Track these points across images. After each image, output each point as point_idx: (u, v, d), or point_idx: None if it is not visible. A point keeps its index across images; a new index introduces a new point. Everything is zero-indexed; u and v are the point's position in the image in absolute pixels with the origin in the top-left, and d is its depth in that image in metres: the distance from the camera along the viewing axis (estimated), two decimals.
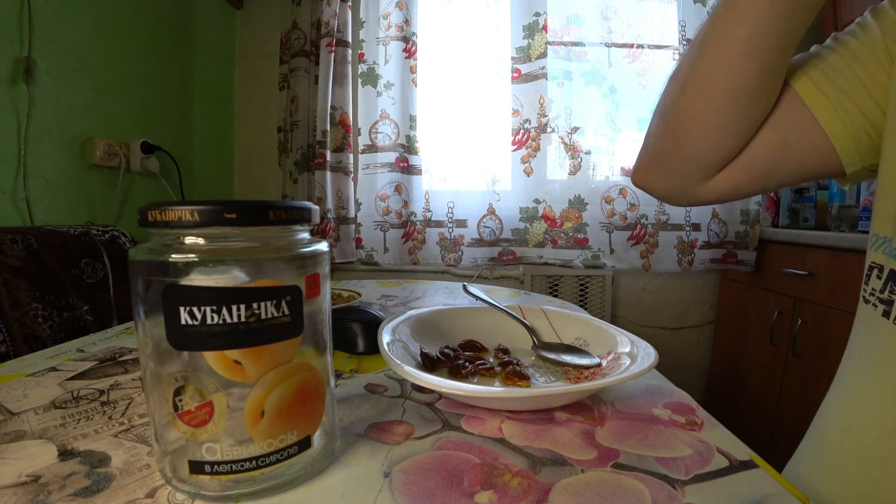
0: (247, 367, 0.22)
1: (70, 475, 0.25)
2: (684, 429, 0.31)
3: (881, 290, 0.35)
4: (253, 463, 0.22)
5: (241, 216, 0.21)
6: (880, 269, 0.36)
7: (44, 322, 0.86)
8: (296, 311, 0.23)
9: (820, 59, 0.39)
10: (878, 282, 0.35)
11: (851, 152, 0.38)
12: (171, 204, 0.21)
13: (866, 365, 0.37)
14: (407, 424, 0.31)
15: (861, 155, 0.38)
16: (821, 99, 0.37)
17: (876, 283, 0.36)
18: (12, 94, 0.98)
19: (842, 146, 0.38)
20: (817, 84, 0.38)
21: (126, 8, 1.27)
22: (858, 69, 0.36)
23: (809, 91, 0.38)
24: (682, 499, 0.23)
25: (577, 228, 1.55)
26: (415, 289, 0.83)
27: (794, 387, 1.26)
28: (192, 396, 0.22)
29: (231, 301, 0.21)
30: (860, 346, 0.39)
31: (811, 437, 0.43)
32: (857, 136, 0.37)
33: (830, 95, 0.37)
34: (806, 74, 0.39)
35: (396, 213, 1.57)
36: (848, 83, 0.37)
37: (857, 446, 0.36)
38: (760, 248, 1.47)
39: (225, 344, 0.21)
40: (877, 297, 0.35)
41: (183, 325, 0.20)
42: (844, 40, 0.38)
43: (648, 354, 0.35)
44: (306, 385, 0.24)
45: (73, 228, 1.03)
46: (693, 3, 1.52)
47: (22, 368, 0.41)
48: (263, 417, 0.22)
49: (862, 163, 0.38)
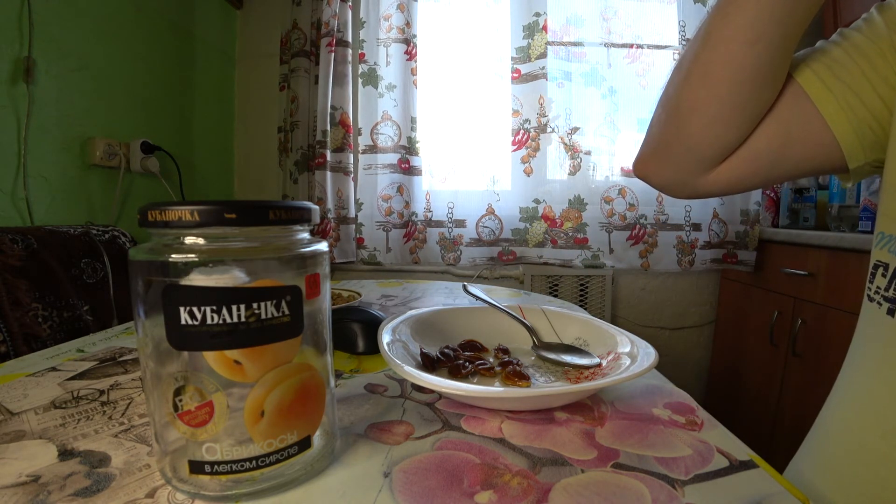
0: (247, 367, 0.22)
1: (70, 475, 0.25)
2: (684, 429, 0.31)
3: (886, 289, 0.35)
4: (253, 463, 0.22)
5: (241, 216, 0.21)
6: (885, 268, 0.35)
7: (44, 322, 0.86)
8: (296, 311, 0.23)
9: (824, 53, 0.39)
10: (883, 280, 0.35)
11: (854, 147, 0.38)
12: (171, 204, 0.21)
13: (871, 363, 0.37)
14: (407, 424, 0.31)
15: (864, 150, 0.38)
16: (825, 93, 0.37)
17: (881, 282, 0.36)
18: (12, 94, 0.98)
19: (845, 141, 0.37)
20: (822, 78, 0.38)
21: (126, 8, 1.27)
22: (863, 64, 0.36)
23: (813, 85, 0.38)
24: (682, 499, 0.23)
25: (577, 228, 1.56)
26: (415, 289, 0.83)
27: (794, 387, 1.26)
28: (192, 396, 0.22)
29: (231, 301, 0.21)
30: (864, 345, 0.39)
31: (813, 436, 0.43)
32: (860, 130, 0.37)
33: (835, 90, 0.37)
34: (810, 68, 0.38)
35: (398, 214, 1.58)
36: (852, 77, 0.36)
37: (861, 445, 0.36)
38: (761, 248, 1.47)
39: (225, 344, 0.21)
40: (881, 295, 0.35)
41: (183, 325, 0.20)
42: (849, 35, 0.38)
43: (648, 354, 0.35)
44: (306, 385, 0.24)
45: (73, 228, 1.03)
46: (693, 3, 1.52)
47: (22, 368, 0.41)
48: (263, 417, 0.22)
49: (865, 158, 0.38)
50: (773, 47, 0.35)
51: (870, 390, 0.36)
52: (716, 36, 0.37)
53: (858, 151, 0.38)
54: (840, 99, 0.37)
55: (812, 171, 0.41)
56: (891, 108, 0.36)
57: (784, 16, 0.34)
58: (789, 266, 1.29)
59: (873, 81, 0.36)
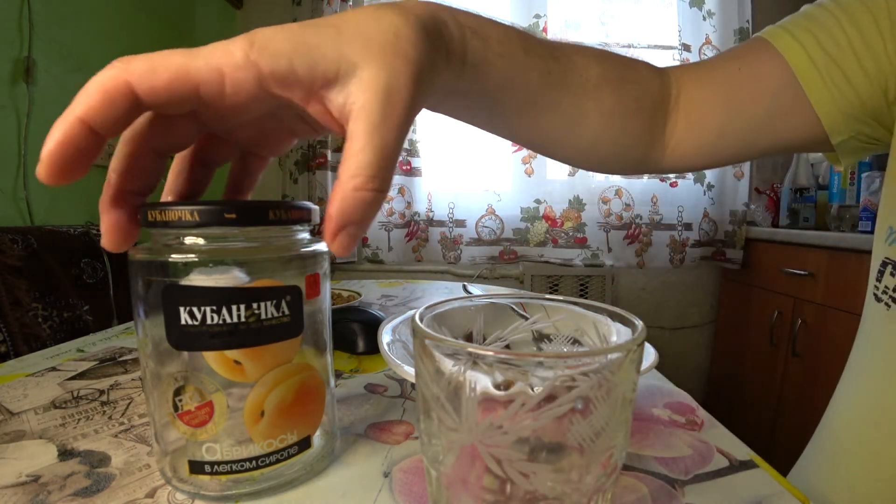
0: (247, 367, 0.22)
1: (70, 475, 0.25)
2: (684, 429, 0.31)
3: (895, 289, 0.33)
4: (253, 463, 0.22)
5: (241, 216, 0.21)
6: (895, 266, 0.34)
7: (44, 322, 0.86)
8: (296, 311, 0.23)
9: (813, 21, 0.36)
10: (893, 279, 0.34)
11: (837, 122, 0.36)
12: (171, 204, 0.20)
13: (878, 366, 0.36)
14: (407, 424, 0.31)
15: (847, 124, 0.36)
16: (811, 70, 0.35)
17: (890, 281, 0.34)
18: (12, 94, 0.98)
19: (828, 118, 0.35)
20: (808, 51, 0.35)
21: (126, 8, 1.27)
22: (853, 35, 0.34)
23: (798, 57, 0.35)
24: (682, 499, 0.23)
25: (577, 228, 1.56)
26: (415, 289, 0.83)
27: (794, 387, 1.26)
28: (192, 396, 0.22)
29: (231, 301, 0.21)
30: (871, 348, 0.37)
31: (820, 444, 0.42)
32: (843, 106, 0.35)
33: (821, 65, 0.35)
34: (795, 39, 0.36)
35: (400, 214, 1.58)
36: (840, 51, 0.34)
37: (869, 450, 0.35)
38: (761, 248, 1.47)
39: (225, 344, 0.21)
40: (890, 295, 0.34)
41: (183, 325, 0.20)
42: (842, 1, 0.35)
43: (648, 354, 0.35)
44: (306, 385, 0.24)
45: (73, 228, 1.03)
46: (689, 7, 1.52)
47: (22, 368, 0.41)
48: (263, 417, 0.22)
49: (848, 132, 0.36)
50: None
51: (882, 397, 0.35)
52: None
53: (841, 126, 0.36)
54: (825, 76, 0.34)
55: (794, 146, 0.39)
56: (873, 81, 0.34)
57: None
58: (789, 266, 1.29)
59: (860, 55, 0.33)
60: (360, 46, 0.20)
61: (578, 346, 0.24)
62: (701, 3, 1.51)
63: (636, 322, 0.19)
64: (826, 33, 0.35)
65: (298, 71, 0.19)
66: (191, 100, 0.19)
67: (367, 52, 0.20)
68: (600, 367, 0.16)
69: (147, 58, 0.18)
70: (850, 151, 0.38)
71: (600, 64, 0.35)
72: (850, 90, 0.34)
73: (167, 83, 0.18)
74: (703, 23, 1.52)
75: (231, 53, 0.18)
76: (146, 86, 0.18)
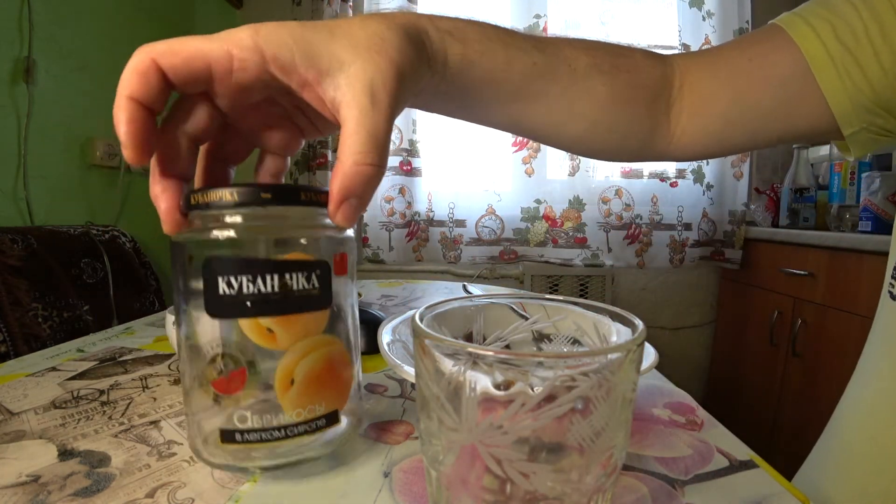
0: (279, 335, 0.23)
1: (70, 475, 0.25)
2: (684, 429, 0.31)
3: None
4: (282, 432, 0.23)
5: (275, 196, 0.22)
6: None
7: (44, 322, 0.86)
8: (325, 285, 0.24)
9: (829, 8, 0.34)
10: None
11: (849, 114, 0.35)
12: (211, 187, 0.22)
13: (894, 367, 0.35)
14: (407, 424, 0.31)
15: (858, 115, 0.35)
16: (825, 60, 0.34)
17: None
18: (12, 94, 0.98)
19: (839, 109, 0.35)
20: (823, 40, 0.34)
21: (126, 8, 1.27)
22: (872, 26, 0.32)
23: (813, 46, 0.34)
24: (682, 499, 0.23)
25: (577, 228, 1.56)
26: (415, 289, 0.83)
27: (794, 387, 1.26)
28: (227, 364, 0.23)
29: (265, 271, 0.22)
30: (887, 348, 0.36)
31: (828, 445, 0.41)
32: (855, 98, 0.34)
33: (835, 56, 0.34)
34: (811, 27, 0.34)
35: (400, 214, 1.58)
36: (857, 42, 0.33)
37: (887, 458, 0.34)
38: (761, 249, 1.47)
39: (258, 311, 0.22)
40: None
41: (221, 295, 0.22)
42: None
43: (648, 354, 0.35)
44: (334, 357, 0.25)
45: (73, 228, 1.03)
46: (689, 7, 1.52)
47: (22, 368, 0.41)
48: (293, 386, 0.23)
49: (859, 123, 0.35)
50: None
51: (890, 394, 0.34)
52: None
53: (853, 117, 0.35)
54: (840, 67, 0.34)
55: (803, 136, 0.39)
56: (888, 73, 0.32)
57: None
58: (789, 266, 1.29)
59: (877, 47, 0.32)
60: (349, 47, 0.23)
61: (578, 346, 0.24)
62: (701, 4, 1.52)
63: (636, 322, 0.19)
64: (844, 23, 0.34)
65: (296, 60, 0.22)
66: (205, 77, 0.22)
67: (355, 51, 0.23)
68: (600, 367, 0.16)
69: (167, 42, 0.22)
70: (862, 143, 0.37)
71: (590, 54, 0.35)
72: (865, 82, 0.33)
73: (185, 60, 0.21)
74: (703, 23, 1.52)
75: (240, 38, 0.22)
76: (168, 62, 0.21)
